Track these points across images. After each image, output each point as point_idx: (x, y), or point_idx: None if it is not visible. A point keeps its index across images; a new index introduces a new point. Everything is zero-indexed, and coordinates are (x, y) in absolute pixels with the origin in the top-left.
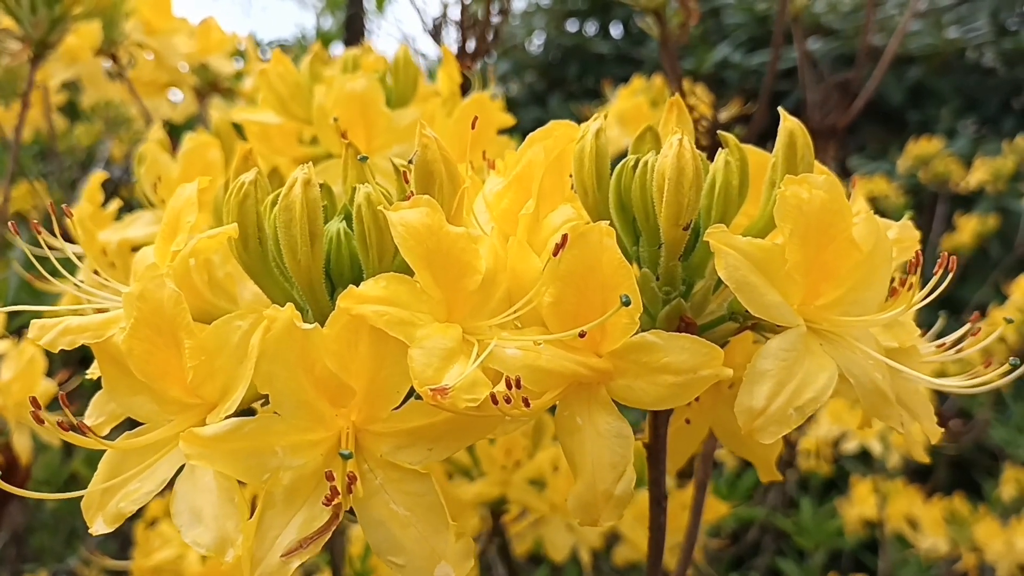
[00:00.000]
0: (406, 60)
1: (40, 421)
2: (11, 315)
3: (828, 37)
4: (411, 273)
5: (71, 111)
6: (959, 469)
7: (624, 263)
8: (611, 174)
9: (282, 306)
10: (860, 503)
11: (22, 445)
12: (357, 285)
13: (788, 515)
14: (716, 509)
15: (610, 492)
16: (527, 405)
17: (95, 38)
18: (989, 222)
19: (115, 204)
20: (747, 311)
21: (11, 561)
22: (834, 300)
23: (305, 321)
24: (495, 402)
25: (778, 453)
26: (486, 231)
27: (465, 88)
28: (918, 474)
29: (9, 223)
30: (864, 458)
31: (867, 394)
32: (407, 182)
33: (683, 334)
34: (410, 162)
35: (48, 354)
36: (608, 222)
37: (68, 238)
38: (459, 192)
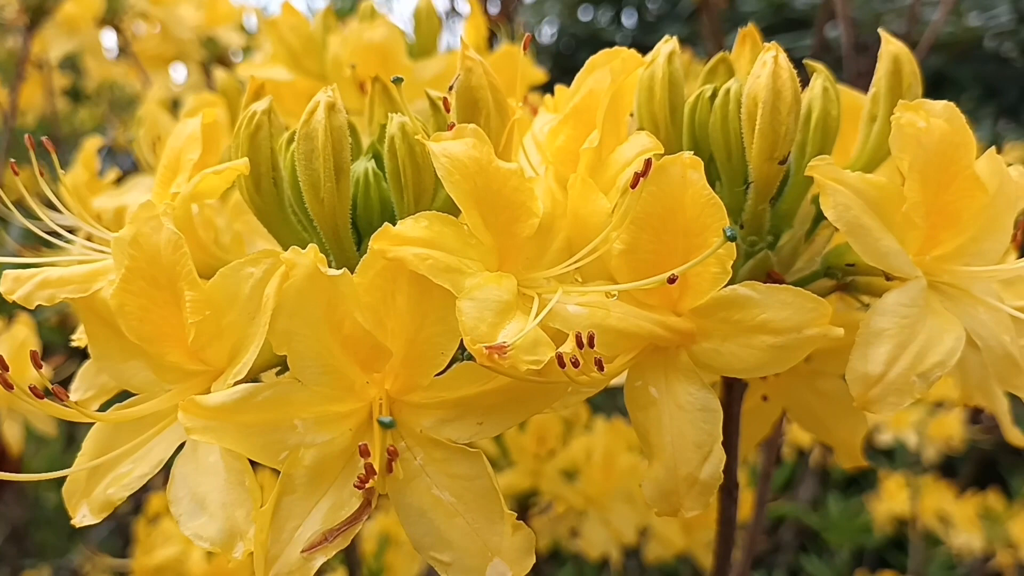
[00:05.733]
0: (428, 11)
1: (9, 386)
2: (2, 300)
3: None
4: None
5: (75, 96)
6: (984, 465)
7: (714, 199)
8: None
9: None
10: (890, 499)
11: (13, 433)
12: None
13: (812, 511)
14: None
15: (694, 476)
16: (600, 369)
17: (96, 6)
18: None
19: (113, 173)
20: (847, 266)
21: (12, 557)
22: (954, 249)
23: None
24: (561, 365)
25: (864, 437)
26: (538, 173)
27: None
28: (943, 469)
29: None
30: (888, 453)
31: (996, 360)
32: (447, 110)
33: (784, 286)
34: (451, 88)
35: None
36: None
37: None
38: (508, 125)
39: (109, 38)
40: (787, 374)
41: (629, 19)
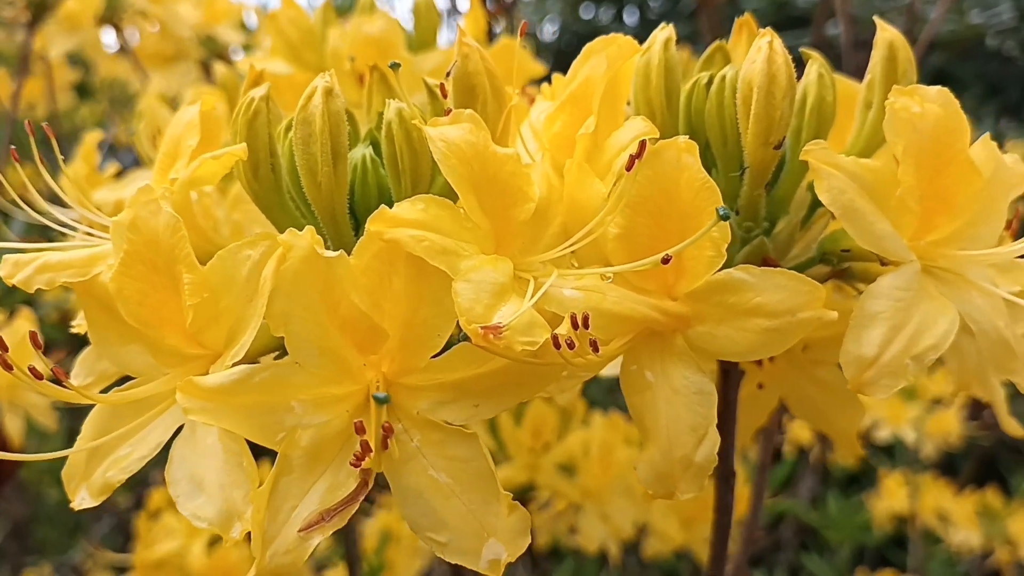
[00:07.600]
0: (428, 5)
1: (8, 367)
2: (3, 294)
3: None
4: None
5: (82, 91)
6: (984, 462)
7: (709, 183)
8: None
9: None
10: (889, 496)
11: (14, 427)
12: None
13: (812, 509)
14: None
15: (689, 459)
16: (595, 351)
17: (96, 4)
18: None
19: (113, 167)
20: (842, 252)
21: (13, 554)
22: (949, 234)
23: None
24: (557, 346)
25: (860, 427)
26: (535, 160)
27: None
28: (943, 467)
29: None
30: (887, 450)
31: (991, 345)
32: (444, 97)
33: (779, 269)
34: (448, 75)
35: (48, 337)
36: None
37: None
38: (505, 111)
39: (109, 36)
40: (785, 363)
41: (631, 17)
